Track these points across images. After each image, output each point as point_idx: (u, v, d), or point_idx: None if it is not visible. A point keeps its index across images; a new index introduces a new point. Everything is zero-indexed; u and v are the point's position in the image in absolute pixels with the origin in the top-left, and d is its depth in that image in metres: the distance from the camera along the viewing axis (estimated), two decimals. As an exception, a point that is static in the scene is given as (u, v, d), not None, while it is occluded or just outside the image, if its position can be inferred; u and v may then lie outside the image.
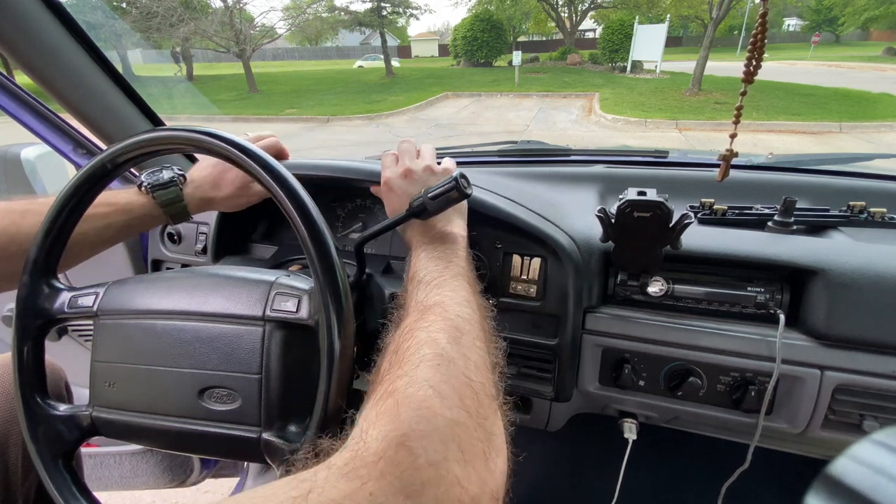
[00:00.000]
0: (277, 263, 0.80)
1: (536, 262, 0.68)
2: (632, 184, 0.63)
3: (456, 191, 0.57)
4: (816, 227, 0.73)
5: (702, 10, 18.11)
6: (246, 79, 14.37)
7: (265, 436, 0.49)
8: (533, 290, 0.68)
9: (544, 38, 30.74)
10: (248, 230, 0.94)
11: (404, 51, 41.00)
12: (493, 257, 0.69)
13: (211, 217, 0.86)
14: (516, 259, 0.69)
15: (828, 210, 0.75)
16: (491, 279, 0.69)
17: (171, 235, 0.89)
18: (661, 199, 0.57)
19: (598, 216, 0.62)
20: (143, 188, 0.66)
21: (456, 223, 0.59)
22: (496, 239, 0.69)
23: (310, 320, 0.50)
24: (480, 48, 17.61)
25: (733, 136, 0.56)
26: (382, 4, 17.56)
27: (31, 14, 0.72)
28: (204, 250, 0.87)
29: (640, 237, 0.61)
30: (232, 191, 0.72)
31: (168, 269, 0.92)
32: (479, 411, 0.34)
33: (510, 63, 16.12)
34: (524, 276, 0.68)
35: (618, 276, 0.70)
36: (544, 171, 0.99)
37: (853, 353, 0.60)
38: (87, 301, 0.56)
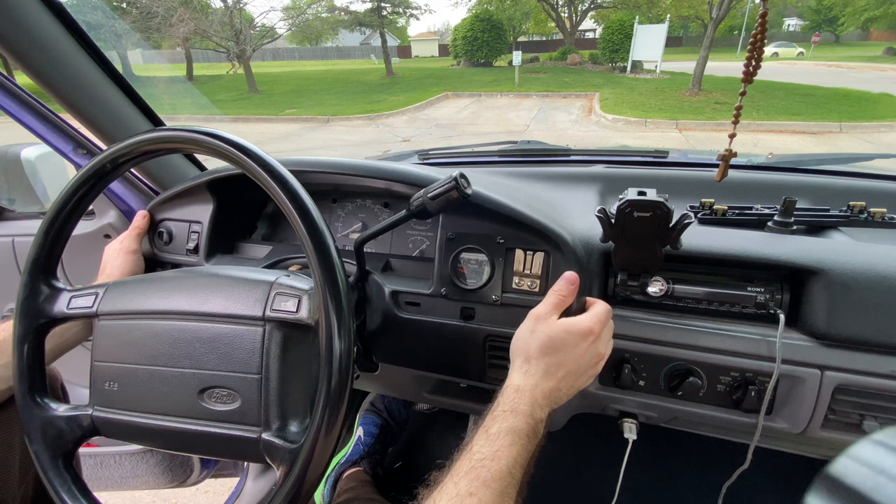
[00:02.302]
0: (272, 263, 0.80)
1: (539, 256, 0.68)
2: (632, 184, 0.63)
3: (456, 190, 0.57)
4: (816, 228, 0.73)
5: (702, 10, 18.14)
6: (246, 79, 14.38)
7: (265, 436, 0.49)
8: (536, 284, 0.68)
9: (544, 38, 30.76)
10: (241, 229, 0.94)
11: (404, 51, 41.00)
12: (495, 252, 0.69)
13: (204, 216, 0.86)
14: (519, 253, 0.69)
15: (828, 210, 0.75)
16: (493, 274, 0.69)
17: (161, 234, 0.88)
18: (661, 199, 0.57)
19: (598, 216, 0.62)
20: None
21: (585, 378, 0.56)
22: (498, 234, 0.69)
23: (309, 320, 0.50)
24: (480, 48, 17.62)
25: (732, 137, 0.56)
26: (382, 4, 17.56)
27: (31, 14, 0.72)
28: (195, 250, 0.86)
29: (640, 237, 0.61)
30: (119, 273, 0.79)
31: (158, 268, 0.91)
32: None
33: (510, 63, 16.13)
34: (527, 271, 0.68)
35: (617, 276, 0.70)
36: (544, 171, 0.99)
37: (853, 353, 0.60)
38: (86, 301, 0.56)
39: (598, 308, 0.58)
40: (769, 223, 0.73)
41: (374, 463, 1.14)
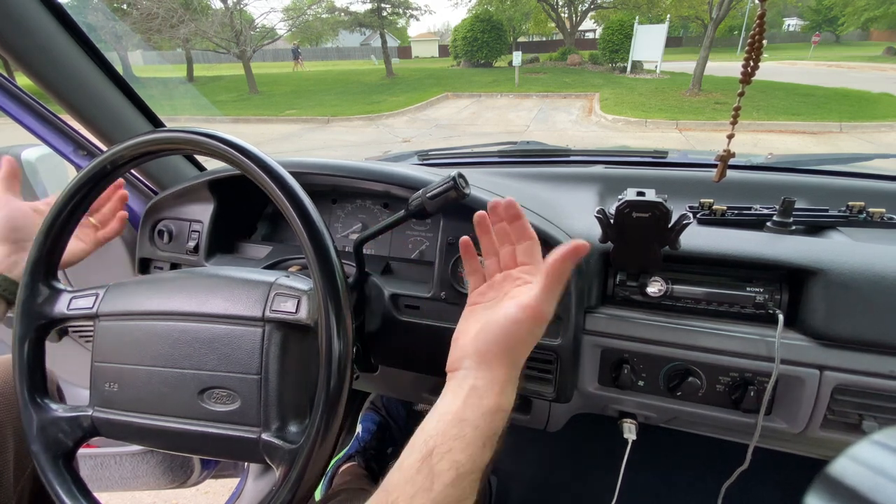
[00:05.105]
0: (272, 263, 0.80)
1: None
2: (631, 184, 0.63)
3: (454, 190, 0.57)
4: (815, 228, 0.74)
5: (702, 11, 18.13)
6: (246, 80, 14.39)
7: (265, 436, 0.49)
8: None
9: (544, 39, 30.75)
10: (242, 229, 0.94)
11: (404, 51, 41.01)
12: None
13: (204, 215, 0.86)
14: None
15: (827, 210, 0.75)
16: None
17: (161, 233, 0.88)
18: (659, 200, 0.57)
19: (597, 217, 0.62)
20: None
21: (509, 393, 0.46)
22: None
23: (309, 321, 0.50)
24: (480, 49, 17.62)
25: (730, 137, 0.56)
26: (382, 5, 17.57)
27: (31, 15, 0.72)
28: (195, 249, 0.86)
29: (639, 237, 0.61)
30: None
31: (157, 267, 0.91)
32: None
33: (510, 63, 16.14)
34: None
35: (617, 276, 0.70)
36: (544, 172, 0.99)
37: (852, 353, 0.60)
38: (87, 302, 0.56)
39: None
40: (768, 223, 0.73)
41: (368, 457, 1.15)
